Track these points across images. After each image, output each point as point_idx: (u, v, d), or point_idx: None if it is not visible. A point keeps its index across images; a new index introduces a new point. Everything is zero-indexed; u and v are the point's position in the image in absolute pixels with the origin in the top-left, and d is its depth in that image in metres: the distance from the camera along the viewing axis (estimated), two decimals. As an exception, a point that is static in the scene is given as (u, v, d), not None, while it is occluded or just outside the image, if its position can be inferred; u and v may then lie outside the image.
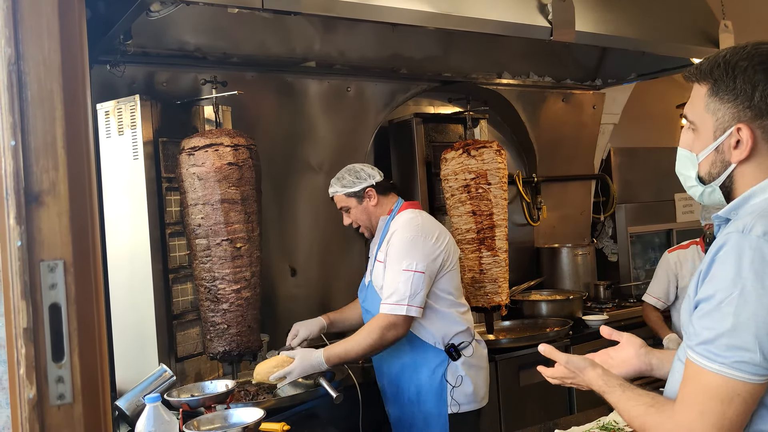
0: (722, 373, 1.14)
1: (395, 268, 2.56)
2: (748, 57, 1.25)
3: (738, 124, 1.25)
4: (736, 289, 1.13)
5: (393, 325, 2.52)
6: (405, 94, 3.91)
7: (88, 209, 0.94)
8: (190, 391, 2.16)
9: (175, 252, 2.86)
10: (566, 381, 1.61)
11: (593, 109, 4.76)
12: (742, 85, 1.24)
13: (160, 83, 3.12)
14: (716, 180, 1.32)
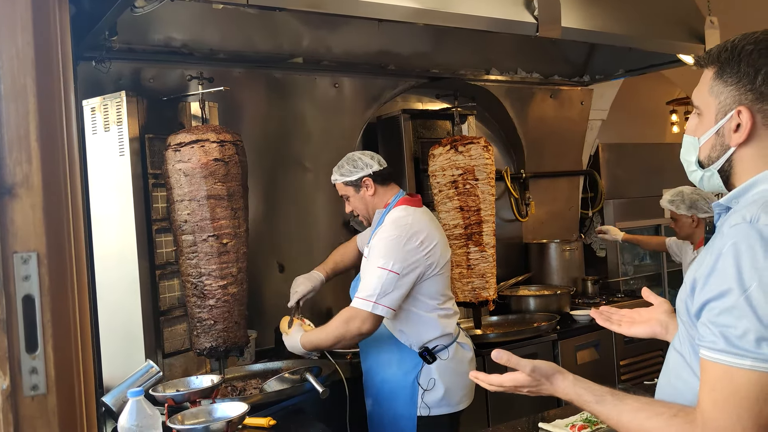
0: (756, 368, 1.08)
1: (372, 264, 2.55)
2: (755, 42, 1.25)
3: (739, 106, 1.25)
4: (753, 281, 1.10)
5: (356, 319, 2.51)
6: (393, 90, 3.92)
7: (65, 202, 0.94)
8: (175, 386, 2.17)
9: (161, 248, 2.86)
10: (523, 390, 1.43)
11: (581, 105, 4.78)
12: (746, 68, 1.24)
13: (146, 79, 3.11)
14: (715, 164, 1.31)
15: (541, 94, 4.58)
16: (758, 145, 1.25)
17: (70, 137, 1.03)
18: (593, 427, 2.06)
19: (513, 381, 1.41)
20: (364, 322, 2.51)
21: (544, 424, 2.17)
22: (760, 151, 1.25)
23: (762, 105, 1.23)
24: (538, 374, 1.38)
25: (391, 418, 2.67)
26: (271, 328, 3.43)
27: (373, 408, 2.76)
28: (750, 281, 1.10)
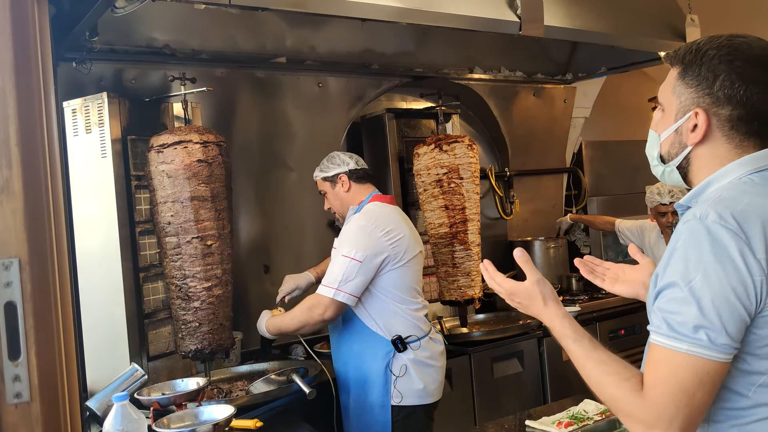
0: (692, 352, 1.17)
1: (338, 253, 2.66)
2: (718, 47, 1.29)
3: (696, 108, 1.31)
4: (698, 273, 1.17)
5: (319, 306, 2.60)
6: (377, 90, 3.91)
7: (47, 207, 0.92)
8: (161, 390, 2.15)
9: (145, 250, 2.84)
10: (515, 299, 1.51)
11: (564, 103, 4.80)
12: (706, 73, 1.29)
13: (128, 80, 3.09)
14: (674, 160, 1.38)
15: (525, 93, 4.59)
16: (713, 146, 1.32)
17: (51, 140, 1.02)
18: (579, 424, 2.07)
19: (513, 287, 1.49)
20: (327, 308, 2.60)
21: (531, 422, 2.18)
22: (715, 151, 1.32)
23: (718, 109, 1.29)
24: (541, 288, 1.45)
25: (367, 408, 2.69)
26: (257, 329, 3.42)
27: (348, 400, 2.77)
28: (695, 273, 1.17)
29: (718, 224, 1.18)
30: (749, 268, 1.16)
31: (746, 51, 1.28)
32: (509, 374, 3.63)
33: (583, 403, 2.29)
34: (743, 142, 1.30)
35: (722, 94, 1.28)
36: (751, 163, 1.29)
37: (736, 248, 1.16)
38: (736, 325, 1.16)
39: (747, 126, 1.29)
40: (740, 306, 1.16)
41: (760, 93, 1.27)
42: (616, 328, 4.12)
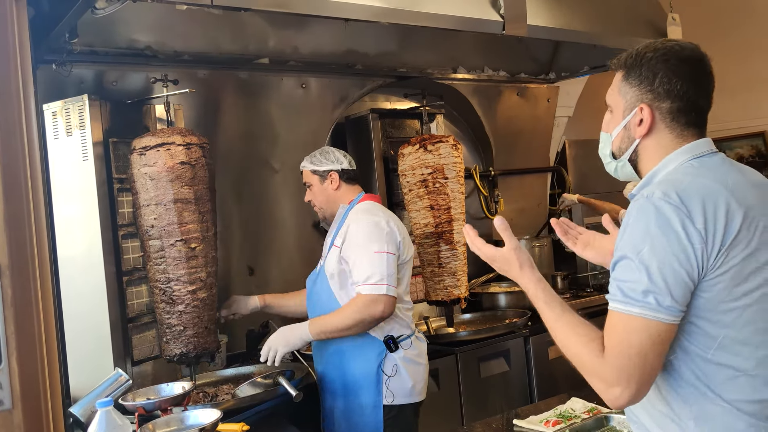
0: (643, 315, 1.29)
1: (366, 251, 2.60)
2: (655, 50, 1.46)
3: (641, 104, 1.47)
4: (645, 245, 1.31)
5: (378, 302, 2.55)
6: (360, 90, 3.90)
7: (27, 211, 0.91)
8: (145, 395, 2.13)
9: (128, 254, 2.81)
10: (496, 263, 1.62)
11: (548, 102, 4.82)
12: (646, 72, 1.46)
13: (109, 82, 3.05)
14: (625, 154, 1.53)
15: (508, 92, 4.61)
16: (657, 137, 1.48)
17: (31, 143, 1.00)
18: (567, 422, 2.08)
19: (492, 252, 1.61)
20: (385, 304, 2.56)
21: (518, 421, 2.18)
22: (660, 141, 1.48)
23: (659, 103, 1.46)
24: (517, 254, 1.56)
25: (357, 410, 2.67)
26: (242, 332, 3.40)
27: (334, 403, 2.74)
28: (643, 245, 1.31)
29: (662, 200, 1.32)
30: (690, 237, 1.29)
31: (679, 52, 1.45)
32: (496, 373, 3.64)
33: (570, 401, 2.29)
34: (683, 132, 1.46)
35: (662, 89, 1.44)
36: (690, 151, 1.45)
37: (678, 221, 1.30)
38: (680, 289, 1.30)
39: (686, 117, 1.46)
40: (683, 272, 1.29)
41: (694, 87, 1.45)
42: (599, 325, 4.12)
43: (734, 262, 1.31)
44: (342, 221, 2.77)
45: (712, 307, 1.32)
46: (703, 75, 1.47)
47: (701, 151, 1.45)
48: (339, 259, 2.68)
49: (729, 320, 1.32)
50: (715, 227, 1.30)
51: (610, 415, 2.01)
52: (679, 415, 1.37)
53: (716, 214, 1.31)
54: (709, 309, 1.32)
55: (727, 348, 1.33)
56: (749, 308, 1.33)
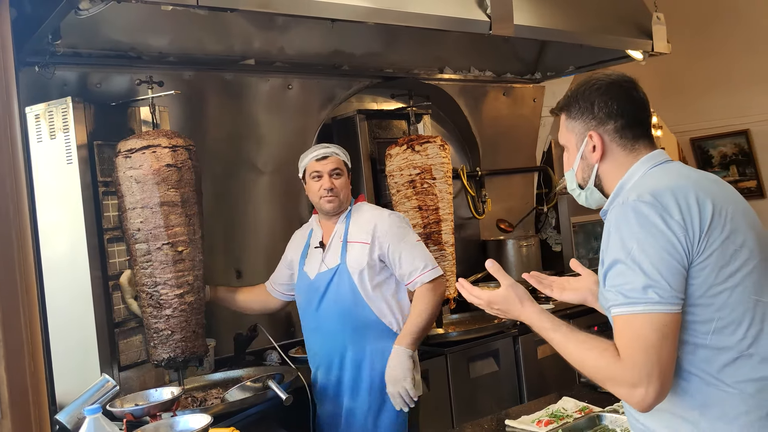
0: (647, 311, 1.34)
1: (409, 244, 2.71)
2: (585, 84, 1.61)
3: (589, 132, 1.59)
4: (633, 245, 1.38)
5: (440, 283, 2.72)
6: (347, 91, 3.89)
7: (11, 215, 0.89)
8: (134, 400, 2.10)
9: (114, 258, 2.77)
10: (494, 307, 1.67)
11: (533, 102, 4.83)
12: (584, 104, 1.59)
13: (93, 84, 3.02)
14: (589, 182, 1.63)
15: (494, 92, 4.61)
16: (613, 157, 1.59)
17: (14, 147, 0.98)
18: (559, 422, 2.07)
19: (490, 295, 1.67)
20: (444, 284, 2.77)
21: (510, 421, 2.17)
22: (616, 161, 1.58)
23: (604, 126, 1.58)
24: (515, 291, 1.62)
25: (380, 409, 2.67)
26: (230, 336, 3.37)
27: (355, 406, 2.71)
28: (631, 245, 1.38)
29: (637, 201, 1.41)
30: (671, 228, 1.37)
31: (605, 79, 1.60)
32: (485, 374, 3.63)
33: (562, 400, 2.29)
34: (635, 146, 1.57)
35: (602, 114, 1.57)
36: (650, 161, 1.55)
37: (657, 216, 1.38)
38: (675, 277, 1.36)
39: (632, 131, 1.57)
40: (674, 261, 1.36)
41: (628, 103, 1.58)
42: (589, 324, 4.08)
43: (715, 246, 1.38)
44: (348, 218, 2.79)
45: (703, 293, 1.38)
46: (633, 91, 1.59)
47: (660, 160, 1.55)
48: (370, 254, 2.68)
49: (720, 302, 1.38)
50: (691, 216, 1.39)
51: (603, 414, 2.01)
52: (684, 408, 1.41)
53: (689, 204, 1.40)
54: (701, 295, 1.38)
55: (723, 330, 1.38)
56: (737, 288, 1.39)
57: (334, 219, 2.83)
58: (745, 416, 1.37)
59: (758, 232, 1.49)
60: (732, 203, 1.47)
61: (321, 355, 2.81)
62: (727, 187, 1.55)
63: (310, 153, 2.83)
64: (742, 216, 1.46)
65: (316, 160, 2.78)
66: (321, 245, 2.84)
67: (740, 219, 1.45)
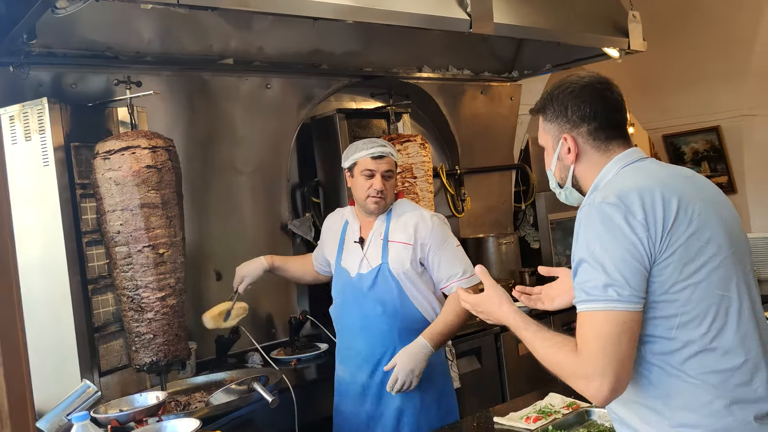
0: (607, 308, 1.40)
1: (449, 249, 2.67)
2: (560, 87, 1.65)
3: (563, 134, 1.63)
4: (597, 245, 1.43)
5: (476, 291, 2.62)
6: (326, 90, 3.87)
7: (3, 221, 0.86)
8: (118, 406, 2.06)
9: (93, 261, 2.72)
10: (478, 309, 1.79)
11: (511, 100, 4.85)
12: (558, 107, 1.63)
13: (68, 85, 2.96)
14: (567, 182, 1.67)
15: (472, 91, 4.62)
16: (587, 158, 1.63)
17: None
18: (548, 418, 2.08)
19: (476, 298, 1.78)
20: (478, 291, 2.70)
21: (499, 419, 2.18)
22: (590, 161, 1.62)
23: (578, 129, 1.62)
24: (495, 291, 1.73)
25: (430, 402, 2.65)
26: (212, 338, 3.33)
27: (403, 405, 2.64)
28: (594, 245, 1.43)
29: (603, 203, 1.45)
30: (634, 229, 1.41)
31: (578, 82, 1.63)
32: (468, 371, 3.64)
33: (549, 396, 2.30)
34: (609, 147, 1.60)
35: (576, 117, 1.61)
36: (622, 161, 1.59)
37: (620, 217, 1.42)
38: (635, 277, 1.40)
39: (605, 133, 1.60)
40: (635, 261, 1.40)
41: (601, 105, 1.60)
42: (569, 320, 4.13)
43: (679, 243, 1.42)
44: (388, 217, 2.72)
45: (667, 289, 1.42)
46: (607, 92, 1.62)
47: (632, 159, 1.59)
48: (413, 255, 2.65)
49: (685, 298, 1.42)
50: (655, 215, 1.42)
51: (591, 409, 2.02)
52: (648, 398, 1.46)
53: (654, 203, 1.43)
54: (664, 291, 1.42)
55: (687, 325, 1.42)
56: (701, 284, 1.43)
57: (374, 216, 2.75)
58: (708, 405, 1.41)
59: (730, 226, 1.52)
60: (702, 199, 1.50)
61: (366, 354, 2.71)
62: (700, 181, 1.58)
63: (366, 148, 2.69)
64: (713, 211, 1.49)
65: (372, 158, 2.67)
66: (360, 241, 2.77)
67: (710, 214, 1.48)
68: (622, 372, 1.39)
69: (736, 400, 1.41)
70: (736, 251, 1.50)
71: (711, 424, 1.41)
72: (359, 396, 2.72)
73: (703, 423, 1.41)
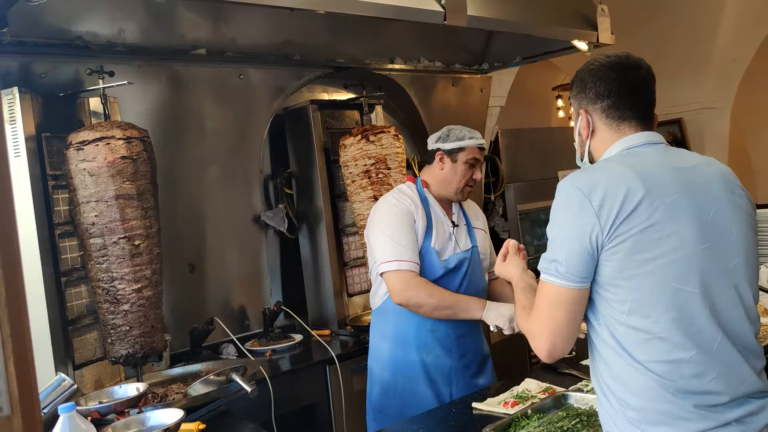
0: (548, 280, 1.55)
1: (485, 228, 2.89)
2: (586, 64, 1.72)
3: (580, 110, 1.71)
4: (554, 222, 1.56)
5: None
6: (299, 81, 3.85)
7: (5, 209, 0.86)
8: (97, 398, 2.05)
9: (66, 254, 2.69)
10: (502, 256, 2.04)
11: (481, 92, 4.89)
12: (579, 84, 1.71)
13: (38, 74, 2.90)
14: (585, 156, 1.74)
15: (443, 83, 4.65)
16: (600, 134, 1.69)
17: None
18: (525, 402, 2.12)
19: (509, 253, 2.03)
20: None
21: (477, 404, 2.22)
22: (602, 138, 1.68)
23: (594, 105, 1.68)
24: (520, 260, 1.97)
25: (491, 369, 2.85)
26: (185, 330, 3.32)
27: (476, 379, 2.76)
28: (553, 222, 1.57)
29: (568, 183, 1.55)
30: (585, 214, 1.48)
31: (599, 62, 1.69)
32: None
33: (525, 382, 2.35)
34: (620, 127, 1.65)
35: (592, 93, 1.67)
36: (626, 143, 1.64)
37: (578, 201, 1.50)
38: (573, 258, 1.50)
39: (618, 112, 1.65)
40: (577, 244, 1.49)
41: (618, 84, 1.64)
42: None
43: (632, 233, 1.46)
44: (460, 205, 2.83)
45: (617, 274, 1.48)
46: (628, 71, 1.66)
47: (637, 142, 1.63)
48: (485, 241, 2.84)
49: (634, 285, 1.47)
50: (612, 204, 1.47)
51: (568, 393, 2.07)
52: (603, 376, 1.54)
53: (616, 193, 1.48)
54: (615, 276, 1.49)
55: (637, 312, 1.48)
56: (653, 275, 1.46)
57: (448, 201, 2.77)
58: (650, 391, 1.46)
59: (716, 222, 1.52)
60: (682, 192, 1.50)
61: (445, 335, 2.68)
62: (695, 174, 1.57)
63: (474, 137, 2.70)
64: (691, 205, 1.50)
65: (480, 148, 2.70)
66: (454, 224, 2.76)
67: (684, 208, 1.49)
68: (556, 339, 1.54)
69: (681, 389, 1.45)
70: (713, 248, 1.50)
71: (651, 408, 1.47)
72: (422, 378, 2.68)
73: (647, 407, 1.47)
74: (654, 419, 1.46)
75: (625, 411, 1.49)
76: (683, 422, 1.45)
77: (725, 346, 1.48)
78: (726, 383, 1.47)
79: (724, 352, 1.48)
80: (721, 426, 1.45)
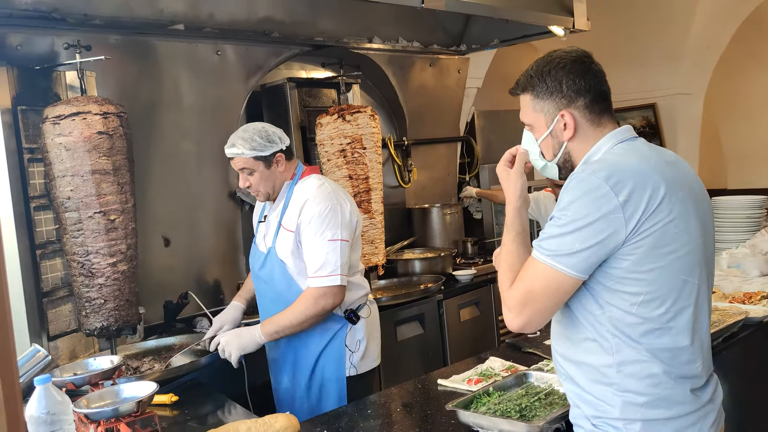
0: (549, 264, 1.50)
1: (319, 240, 2.50)
2: (549, 63, 1.65)
3: (561, 111, 1.64)
4: (572, 207, 1.49)
5: (328, 295, 2.49)
6: (277, 58, 3.86)
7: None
8: (72, 370, 2.08)
9: (41, 227, 2.71)
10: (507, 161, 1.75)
11: (458, 73, 4.93)
12: (552, 84, 1.63)
13: (12, 47, 2.88)
14: (556, 157, 1.68)
15: (421, 63, 4.68)
16: (582, 133, 1.65)
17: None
18: (488, 380, 2.21)
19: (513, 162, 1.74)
20: (335, 296, 2.50)
21: (442, 381, 2.30)
22: (585, 135, 1.65)
23: (575, 104, 1.63)
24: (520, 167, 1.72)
25: (318, 387, 2.64)
26: (159, 303, 3.36)
27: (292, 384, 2.69)
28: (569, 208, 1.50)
29: (593, 174, 1.50)
30: (610, 207, 1.45)
31: (566, 57, 1.64)
32: (411, 336, 3.77)
33: (489, 360, 2.43)
34: (601, 121, 1.64)
35: (571, 92, 1.62)
36: (616, 137, 1.63)
37: (603, 192, 1.46)
38: (588, 251, 1.47)
39: (598, 105, 1.63)
40: (595, 238, 1.46)
41: (592, 78, 1.63)
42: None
43: (656, 228, 1.47)
44: (287, 200, 2.62)
45: (636, 268, 1.48)
46: (593, 65, 1.65)
47: (625, 136, 1.63)
48: (295, 242, 2.56)
49: (651, 279, 1.49)
50: (639, 200, 1.46)
51: (529, 372, 2.15)
52: (603, 364, 1.55)
53: (644, 188, 1.47)
54: (633, 270, 1.48)
55: (648, 304, 1.50)
56: (667, 268, 1.50)
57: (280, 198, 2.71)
58: (655, 377, 1.52)
59: (704, 213, 1.60)
60: (684, 187, 1.56)
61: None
62: (682, 168, 1.64)
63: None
64: (692, 200, 1.56)
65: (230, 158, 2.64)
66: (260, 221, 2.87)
67: (690, 203, 1.55)
68: (534, 318, 1.55)
69: (680, 375, 1.53)
70: (705, 240, 1.58)
71: (655, 394, 1.52)
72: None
73: (647, 392, 1.52)
74: (655, 403, 1.52)
75: (625, 395, 1.53)
76: (678, 406, 1.53)
77: (707, 331, 1.62)
78: (706, 367, 1.61)
79: (707, 337, 1.61)
80: (702, 407, 1.57)
